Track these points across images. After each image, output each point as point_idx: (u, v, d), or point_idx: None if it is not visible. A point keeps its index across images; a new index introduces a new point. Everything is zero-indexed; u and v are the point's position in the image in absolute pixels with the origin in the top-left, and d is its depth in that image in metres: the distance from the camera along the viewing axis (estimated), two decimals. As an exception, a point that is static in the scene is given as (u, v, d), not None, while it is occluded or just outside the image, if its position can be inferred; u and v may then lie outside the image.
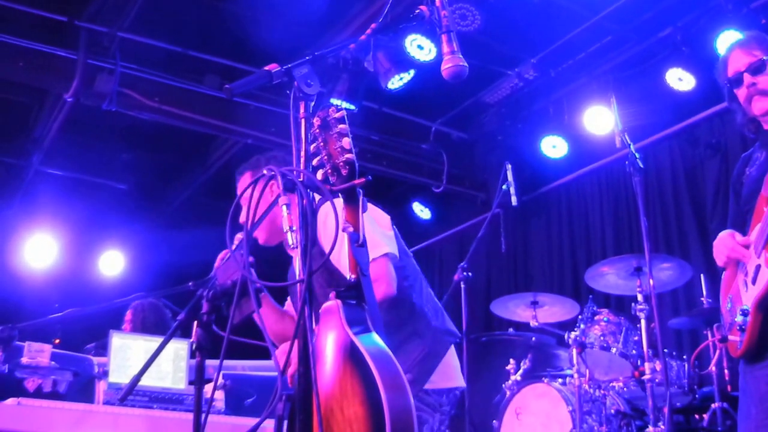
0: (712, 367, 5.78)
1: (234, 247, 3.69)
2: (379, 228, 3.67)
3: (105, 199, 10.06)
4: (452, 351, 3.75)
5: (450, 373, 3.71)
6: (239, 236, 3.66)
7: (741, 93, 3.65)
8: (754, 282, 3.37)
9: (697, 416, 6.03)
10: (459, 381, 3.76)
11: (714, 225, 7.18)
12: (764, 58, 3.57)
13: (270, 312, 3.95)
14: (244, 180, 4.16)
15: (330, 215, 3.16)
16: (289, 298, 4.12)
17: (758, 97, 3.58)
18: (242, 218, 3.10)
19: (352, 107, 7.12)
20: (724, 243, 3.56)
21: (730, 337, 3.48)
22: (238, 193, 4.16)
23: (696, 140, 7.79)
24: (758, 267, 3.36)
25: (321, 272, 3.55)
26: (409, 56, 7.05)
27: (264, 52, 6.47)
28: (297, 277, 2.52)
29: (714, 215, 7.31)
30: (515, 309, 6.98)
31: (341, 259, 3.32)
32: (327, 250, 2.67)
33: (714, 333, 3.83)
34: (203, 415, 2.76)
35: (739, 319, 3.40)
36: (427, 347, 3.60)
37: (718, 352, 5.78)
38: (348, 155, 2.64)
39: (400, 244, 3.69)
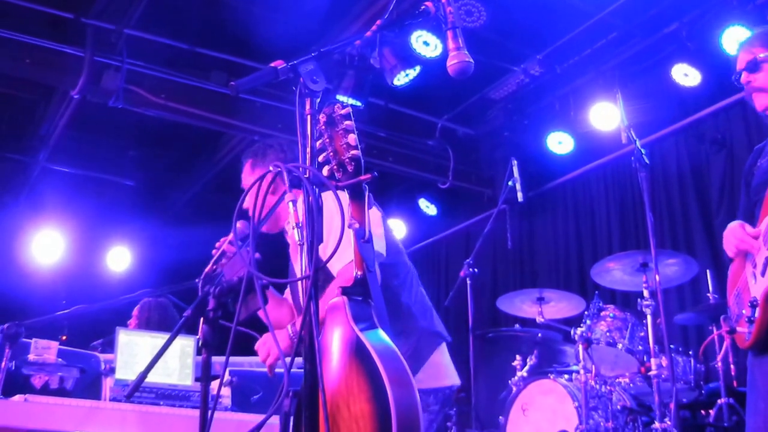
0: (718, 362, 5.77)
1: (232, 236, 3.73)
2: None
3: (112, 196, 10.09)
4: (442, 350, 3.72)
5: (438, 372, 3.68)
6: (239, 225, 3.70)
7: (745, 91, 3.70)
8: (763, 274, 3.36)
9: (703, 412, 6.02)
10: (449, 380, 3.72)
11: (719, 220, 7.17)
12: (758, 56, 3.62)
13: (269, 298, 3.97)
14: (245, 169, 4.20)
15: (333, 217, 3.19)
16: (288, 289, 4.13)
17: (755, 95, 3.64)
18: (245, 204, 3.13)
19: (358, 104, 7.13)
20: (734, 233, 3.55)
21: (738, 329, 3.48)
22: (243, 182, 4.21)
23: (702, 136, 7.78)
24: (767, 259, 3.36)
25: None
26: (415, 52, 7.06)
27: (270, 49, 6.50)
28: (300, 274, 2.52)
29: (719, 211, 7.30)
30: (521, 305, 6.98)
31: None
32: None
33: (721, 325, 3.84)
34: (210, 412, 2.76)
35: (747, 310, 3.40)
36: (411, 347, 3.56)
37: (724, 345, 5.77)
38: (354, 151, 2.64)
39: (391, 241, 3.67)
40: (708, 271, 6.41)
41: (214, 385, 3.54)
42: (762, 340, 3.38)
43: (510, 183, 6.31)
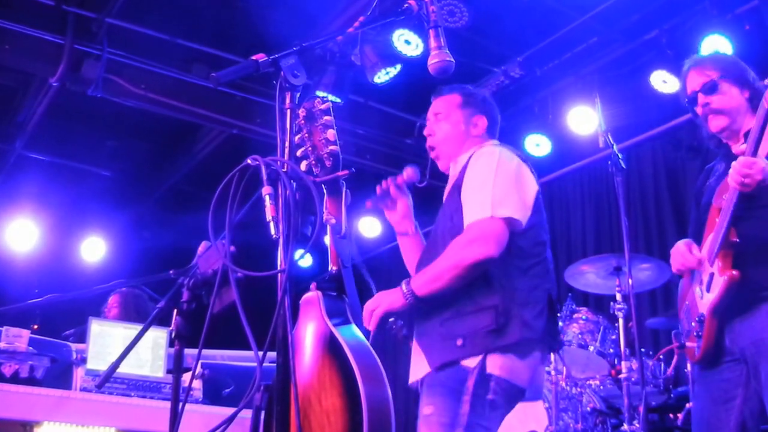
0: (671, 371, 5.85)
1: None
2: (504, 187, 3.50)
3: (88, 186, 10.02)
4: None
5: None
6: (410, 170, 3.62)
7: (698, 111, 3.79)
8: (708, 290, 3.47)
9: (671, 415, 6.07)
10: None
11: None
12: (716, 78, 3.70)
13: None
14: (449, 100, 4.13)
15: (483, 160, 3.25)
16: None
17: (712, 116, 3.73)
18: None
19: (338, 100, 7.13)
20: (679, 252, 3.71)
21: (688, 344, 3.59)
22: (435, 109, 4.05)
23: (678, 142, 7.82)
24: (712, 275, 3.46)
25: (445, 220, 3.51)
26: (396, 51, 7.05)
27: (253, 43, 6.46)
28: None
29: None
30: (495, 305, 6.99)
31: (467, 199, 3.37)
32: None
33: (672, 340, 3.96)
34: (181, 404, 2.76)
35: (695, 326, 3.50)
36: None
37: (675, 356, 5.82)
38: (332, 147, 2.65)
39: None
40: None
41: (186, 377, 3.54)
42: (710, 354, 3.49)
43: (487, 184, 6.32)
